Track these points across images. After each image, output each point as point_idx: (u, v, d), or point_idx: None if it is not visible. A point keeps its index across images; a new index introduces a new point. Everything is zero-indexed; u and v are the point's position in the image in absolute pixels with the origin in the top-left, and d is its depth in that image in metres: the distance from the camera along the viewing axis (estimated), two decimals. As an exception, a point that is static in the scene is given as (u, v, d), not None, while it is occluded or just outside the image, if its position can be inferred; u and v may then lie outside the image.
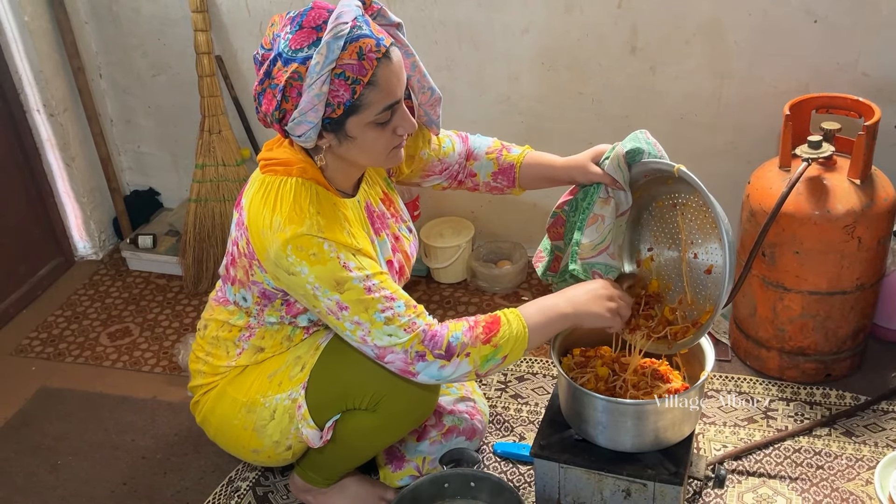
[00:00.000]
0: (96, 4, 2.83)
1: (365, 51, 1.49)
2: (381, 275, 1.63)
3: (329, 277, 1.58)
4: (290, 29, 1.51)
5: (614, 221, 1.76)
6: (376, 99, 1.54)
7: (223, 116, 2.77)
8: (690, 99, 2.45)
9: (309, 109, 1.50)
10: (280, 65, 1.50)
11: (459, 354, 1.62)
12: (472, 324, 1.65)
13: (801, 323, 2.17)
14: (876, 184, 2.07)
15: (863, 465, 2.00)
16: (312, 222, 1.58)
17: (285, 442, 1.81)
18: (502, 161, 1.96)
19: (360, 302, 1.59)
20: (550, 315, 1.69)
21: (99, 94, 2.98)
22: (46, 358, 2.59)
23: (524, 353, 1.69)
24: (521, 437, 2.15)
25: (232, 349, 1.84)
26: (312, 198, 1.62)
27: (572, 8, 2.41)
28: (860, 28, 2.22)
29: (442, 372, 1.63)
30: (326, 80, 1.48)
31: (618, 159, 1.73)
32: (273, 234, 1.58)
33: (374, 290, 1.60)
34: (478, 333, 1.63)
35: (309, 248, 1.57)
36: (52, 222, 2.96)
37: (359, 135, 1.58)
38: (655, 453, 1.77)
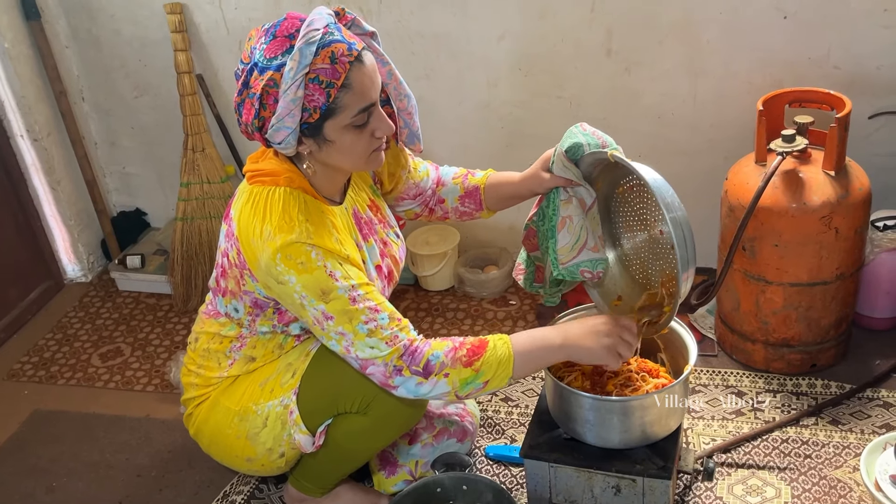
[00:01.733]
0: (77, 28, 2.85)
1: (337, 55, 1.53)
2: (367, 286, 1.65)
3: (315, 286, 1.60)
4: (265, 39, 1.56)
5: (584, 217, 1.78)
6: (351, 101, 1.57)
7: (206, 134, 2.79)
8: (667, 98, 2.48)
9: (286, 115, 1.53)
10: (256, 74, 1.54)
11: (438, 374, 1.64)
12: (456, 345, 1.66)
13: (784, 315, 2.20)
14: (850, 175, 2.10)
15: (849, 453, 2.02)
16: (302, 230, 1.61)
17: (278, 449, 1.83)
18: (467, 184, 1.99)
19: (344, 312, 1.62)
20: (540, 346, 1.69)
21: (82, 117, 3.00)
22: (39, 381, 2.60)
23: (509, 381, 1.68)
24: (511, 440, 2.17)
25: (223, 360, 1.86)
26: (301, 206, 1.64)
27: (546, 14, 2.44)
28: (829, 22, 2.26)
29: (419, 389, 1.65)
30: (301, 85, 1.51)
31: (561, 160, 1.75)
32: (263, 243, 1.61)
33: (359, 300, 1.62)
34: (460, 355, 1.65)
35: (297, 256, 1.60)
36: (41, 246, 2.97)
37: (337, 138, 1.61)
38: (643, 449, 1.80)
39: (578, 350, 1.69)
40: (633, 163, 1.65)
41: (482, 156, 2.72)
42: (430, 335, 2.56)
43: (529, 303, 2.71)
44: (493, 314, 2.68)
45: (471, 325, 2.64)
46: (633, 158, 2.48)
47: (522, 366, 1.68)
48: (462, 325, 2.64)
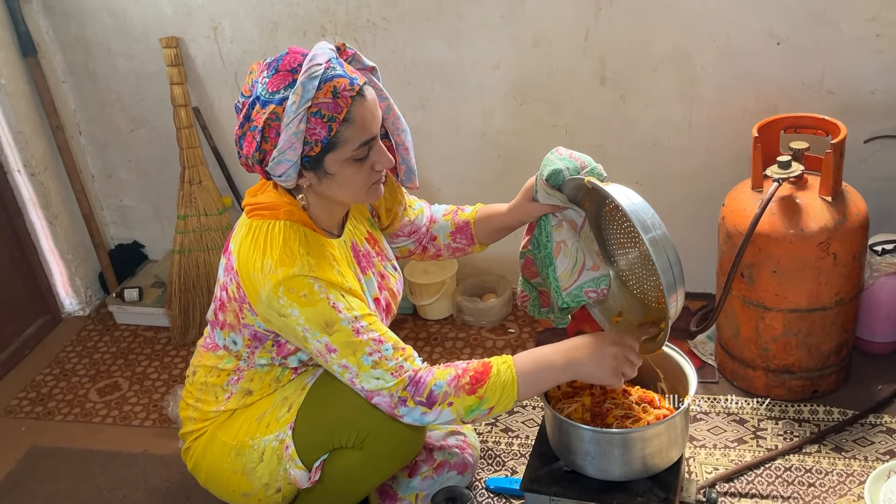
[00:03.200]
0: (73, 63, 2.87)
1: (339, 89, 1.54)
2: (369, 316, 1.65)
3: (319, 319, 1.60)
4: (267, 73, 1.57)
5: (577, 239, 1.78)
6: (352, 135, 1.58)
7: (203, 167, 2.79)
8: (661, 125, 2.48)
9: (287, 148, 1.54)
10: (258, 107, 1.56)
11: (441, 403, 1.64)
12: (459, 372, 1.66)
13: (784, 341, 2.18)
14: (847, 200, 2.10)
15: (854, 480, 2.00)
16: (303, 263, 1.61)
17: (275, 484, 1.82)
18: (458, 220, 2.00)
19: (348, 344, 1.62)
20: (544, 367, 1.69)
21: (79, 151, 3.01)
22: (36, 417, 2.58)
23: (515, 404, 1.68)
24: (512, 471, 2.15)
25: (221, 394, 1.85)
26: (301, 239, 1.65)
27: (540, 43, 2.45)
28: (823, 48, 2.27)
29: (424, 418, 1.65)
30: (303, 119, 1.53)
31: (544, 188, 1.76)
32: (265, 276, 1.61)
33: (363, 332, 1.62)
34: (463, 383, 1.64)
35: (300, 289, 1.60)
36: (38, 280, 2.97)
37: (337, 171, 1.61)
38: (645, 480, 1.78)
39: (582, 371, 1.69)
40: (608, 187, 1.64)
41: (478, 184, 2.72)
42: (430, 364, 2.56)
43: (529, 331, 2.70)
44: (493, 343, 2.67)
45: (470, 354, 2.63)
46: (629, 185, 2.49)
47: (527, 388, 1.67)
48: (461, 354, 2.63)
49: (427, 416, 1.65)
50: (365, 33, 2.55)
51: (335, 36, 2.57)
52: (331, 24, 2.56)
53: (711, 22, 2.30)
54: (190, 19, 2.67)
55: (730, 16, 2.28)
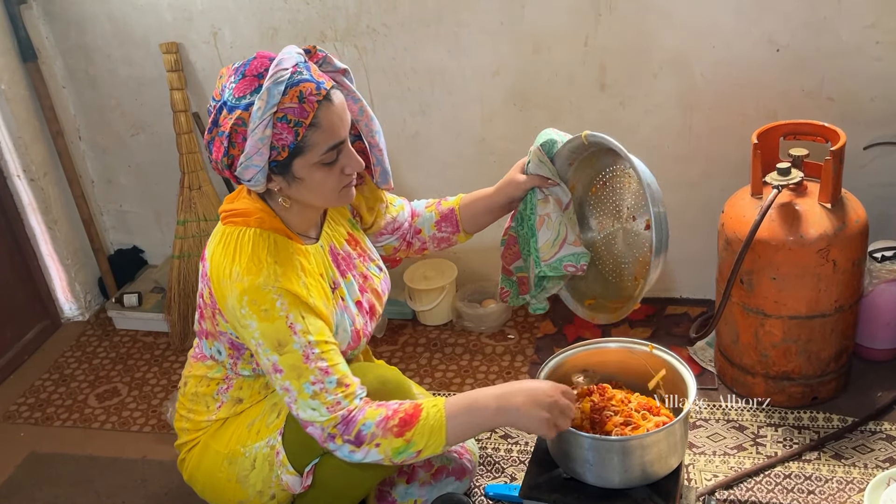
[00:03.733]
0: (73, 68, 2.87)
1: (305, 94, 1.55)
2: (325, 343, 1.64)
3: (273, 336, 1.60)
4: (234, 78, 1.58)
5: (562, 215, 1.79)
6: (320, 140, 1.58)
7: (202, 172, 2.79)
8: (661, 131, 2.48)
9: (254, 153, 1.54)
10: (225, 112, 1.56)
11: (369, 443, 1.61)
12: (389, 413, 1.62)
13: (783, 348, 2.18)
14: (847, 206, 2.10)
15: (853, 488, 2.00)
16: (269, 272, 1.61)
17: (269, 491, 1.81)
18: (442, 209, 1.99)
19: (294, 368, 1.61)
20: (474, 413, 1.64)
21: (79, 156, 3.01)
22: (35, 423, 2.58)
23: (445, 448, 1.64)
24: (511, 478, 2.15)
25: (212, 403, 1.85)
26: (270, 247, 1.64)
27: (540, 49, 2.45)
28: (822, 55, 2.27)
29: (353, 456, 1.63)
30: (269, 124, 1.53)
31: (537, 156, 1.78)
32: (232, 284, 1.61)
33: (312, 359, 1.61)
34: (391, 425, 1.61)
35: (262, 302, 1.59)
36: (37, 286, 2.97)
37: (306, 176, 1.61)
38: (644, 488, 1.77)
39: (514, 419, 1.64)
40: (610, 139, 1.69)
41: (477, 189, 2.72)
42: (428, 371, 2.57)
43: (528, 336, 2.69)
44: (492, 348, 2.66)
45: (469, 360, 2.62)
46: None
47: (456, 432, 1.63)
48: (461, 360, 2.63)
49: (355, 454, 1.63)
50: (365, 39, 2.55)
51: (335, 42, 2.58)
52: (331, 30, 2.57)
53: (711, 28, 2.31)
54: (190, 25, 2.67)
55: (729, 22, 2.29)
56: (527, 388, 1.66)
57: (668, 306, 2.72)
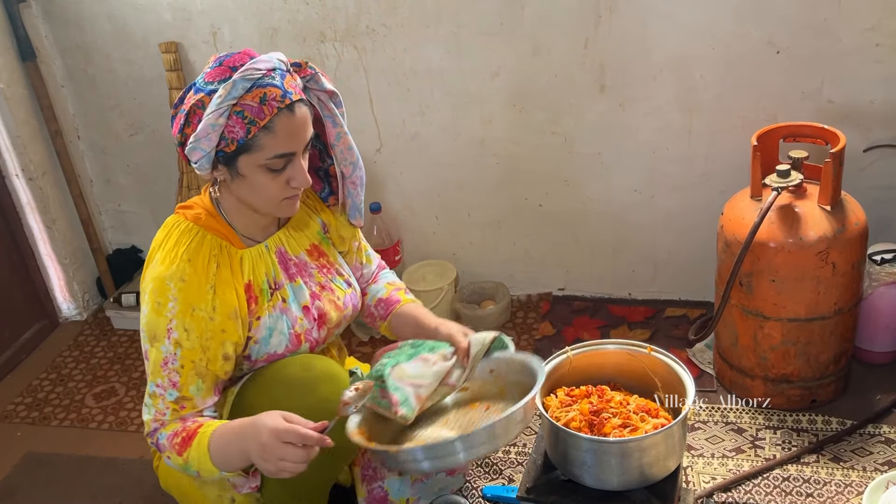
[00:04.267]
0: (72, 68, 2.86)
1: (268, 97, 1.57)
2: (189, 362, 1.66)
3: (152, 329, 1.65)
4: (212, 65, 1.62)
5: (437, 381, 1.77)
6: (269, 144, 1.60)
7: (201, 172, 2.79)
8: (661, 133, 2.48)
9: (203, 136, 1.58)
10: (192, 93, 1.61)
11: (163, 453, 1.68)
12: (179, 429, 1.66)
13: (782, 350, 2.18)
14: (846, 209, 2.10)
15: (852, 491, 1.99)
16: (178, 267, 1.64)
17: (227, 494, 1.80)
18: (391, 295, 2.01)
19: (154, 364, 1.67)
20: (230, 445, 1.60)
21: (78, 156, 3.00)
22: (32, 422, 2.57)
23: (219, 475, 1.64)
24: (509, 480, 2.14)
25: None
26: (192, 245, 1.67)
27: (540, 50, 2.45)
28: (822, 57, 2.27)
29: (167, 460, 1.70)
30: (224, 114, 1.56)
31: (484, 342, 1.83)
32: (150, 268, 1.67)
33: (168, 367, 1.66)
34: (175, 442, 1.65)
35: (160, 295, 1.64)
36: (35, 285, 2.96)
37: (249, 174, 1.63)
38: (642, 490, 1.77)
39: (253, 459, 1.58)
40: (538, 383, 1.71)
41: (476, 191, 2.72)
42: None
43: (527, 338, 2.69)
44: (491, 350, 2.66)
45: (468, 362, 2.62)
46: (627, 193, 2.50)
47: (222, 462, 1.61)
48: (459, 362, 2.62)
49: (163, 459, 1.70)
50: (364, 40, 2.55)
51: (335, 42, 2.57)
52: (330, 30, 2.56)
53: (711, 31, 2.30)
54: (189, 25, 2.67)
55: (729, 24, 2.29)
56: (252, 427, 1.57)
57: (667, 308, 2.71)
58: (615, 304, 2.78)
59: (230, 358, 1.72)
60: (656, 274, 2.73)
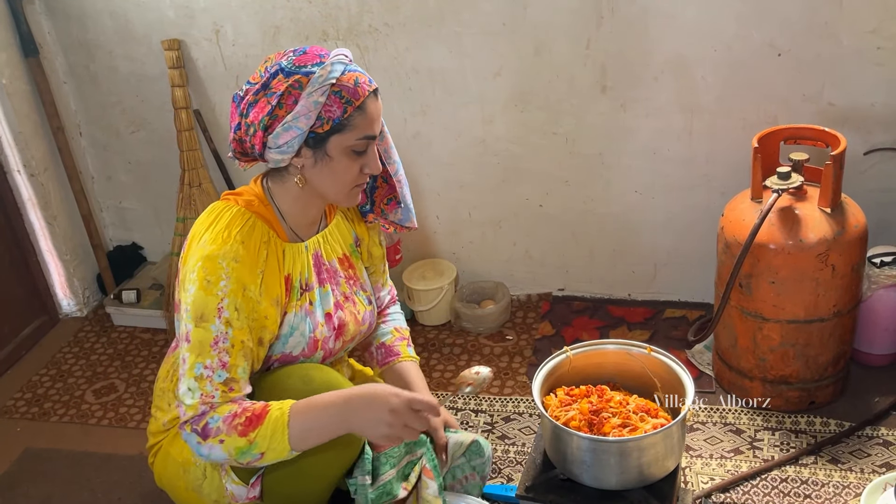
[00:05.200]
0: (74, 64, 2.87)
1: (359, 81, 1.63)
2: (239, 343, 1.62)
3: (200, 308, 1.61)
4: (294, 55, 1.64)
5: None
6: (361, 124, 1.64)
7: (203, 169, 2.79)
8: (662, 134, 2.49)
9: (303, 114, 1.59)
10: (281, 76, 1.61)
11: (213, 438, 1.58)
12: (238, 410, 1.60)
13: (781, 352, 2.18)
14: (846, 211, 2.10)
15: (850, 493, 2.00)
16: (231, 247, 1.63)
17: (224, 501, 1.78)
18: (394, 345, 2.02)
19: (200, 344, 1.60)
20: (319, 417, 1.60)
21: (79, 152, 3.01)
22: (31, 418, 2.57)
23: (290, 454, 1.60)
24: (508, 479, 2.15)
25: (172, 400, 1.83)
26: (244, 228, 1.67)
27: (542, 51, 2.45)
28: (823, 60, 2.27)
29: (199, 448, 1.60)
30: (325, 93, 1.60)
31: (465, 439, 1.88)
32: (197, 247, 1.64)
33: (220, 348, 1.60)
34: (237, 423, 1.58)
35: (210, 273, 1.60)
36: (36, 281, 2.96)
37: (336, 156, 1.65)
38: (641, 490, 1.78)
39: (358, 426, 1.61)
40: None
41: (477, 191, 2.73)
42: (426, 371, 2.57)
43: (526, 338, 2.70)
44: (490, 349, 2.66)
45: (467, 361, 2.62)
46: (628, 194, 2.51)
47: (300, 437, 1.59)
48: (459, 361, 2.63)
49: (201, 447, 1.60)
50: (367, 39, 2.56)
51: (337, 41, 2.58)
52: (333, 29, 2.57)
53: (713, 32, 2.31)
54: (192, 22, 2.67)
55: (731, 26, 2.29)
56: (373, 397, 1.60)
57: (667, 309, 2.72)
58: (615, 304, 2.78)
59: (264, 345, 1.70)
60: (656, 275, 2.73)
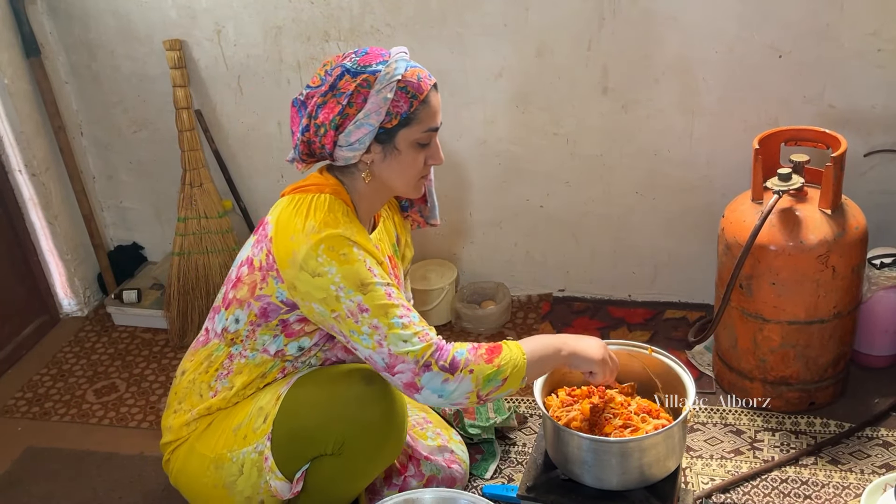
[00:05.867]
0: (76, 64, 2.87)
1: (422, 76, 1.72)
2: (397, 288, 1.72)
3: (355, 278, 1.65)
4: (356, 56, 1.71)
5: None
6: (426, 117, 1.72)
7: (204, 169, 2.80)
8: (663, 135, 2.49)
9: (374, 111, 1.66)
10: (348, 77, 1.68)
11: (463, 370, 1.66)
12: (475, 345, 1.71)
13: (781, 353, 2.19)
14: (847, 213, 2.11)
15: (850, 493, 2.00)
16: (346, 228, 1.69)
17: (257, 497, 1.80)
18: None
19: (381, 306, 1.66)
20: (548, 348, 1.76)
21: (80, 152, 3.01)
22: (32, 417, 2.58)
23: (522, 382, 1.72)
24: (509, 479, 2.15)
25: (206, 392, 1.85)
26: (345, 210, 1.74)
27: (544, 52, 2.46)
28: (824, 62, 2.28)
29: (445, 386, 1.66)
30: (393, 89, 1.67)
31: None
32: (306, 236, 1.67)
33: (394, 297, 1.68)
34: (481, 353, 1.69)
35: (340, 248, 1.66)
36: (37, 281, 2.97)
37: (404, 150, 1.73)
38: (642, 490, 1.78)
39: (582, 357, 1.77)
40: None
41: (479, 191, 2.73)
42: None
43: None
44: (491, 350, 2.67)
45: (468, 362, 2.63)
46: (628, 195, 2.52)
47: (534, 368, 1.73)
48: (459, 362, 2.63)
49: (448, 383, 1.65)
50: (369, 39, 2.56)
51: (339, 42, 2.58)
52: (334, 29, 2.57)
53: (714, 34, 2.32)
54: (194, 22, 2.67)
55: (732, 28, 2.30)
56: (583, 337, 1.82)
57: (667, 310, 2.72)
58: (615, 305, 2.79)
59: None
60: (656, 276, 2.74)
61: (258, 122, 2.80)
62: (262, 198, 2.94)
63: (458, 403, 1.70)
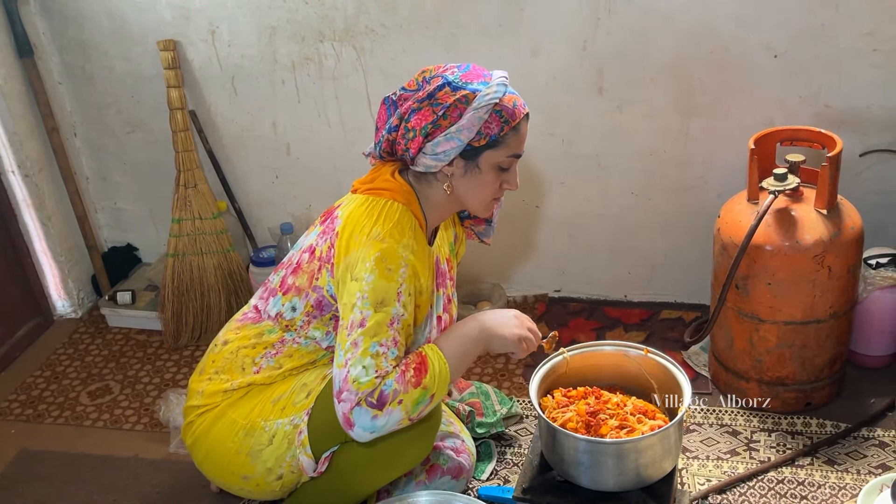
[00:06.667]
0: (70, 65, 2.86)
1: (517, 104, 1.77)
2: (407, 325, 1.74)
3: (381, 294, 1.69)
4: (460, 70, 1.76)
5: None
6: (512, 143, 1.77)
7: (198, 170, 2.79)
8: (659, 136, 2.49)
9: (466, 128, 1.70)
10: (448, 90, 1.72)
11: (391, 403, 1.66)
12: (403, 369, 1.70)
13: (778, 353, 2.19)
14: (842, 213, 2.11)
15: (846, 494, 2.00)
16: (408, 243, 1.73)
17: (278, 470, 1.84)
18: None
19: (378, 326, 1.68)
20: (466, 344, 1.80)
21: (74, 153, 3.00)
22: (26, 420, 2.56)
23: (448, 388, 1.77)
24: (505, 480, 2.14)
25: (249, 367, 1.89)
26: (413, 225, 1.78)
27: (539, 52, 2.45)
28: (820, 62, 2.28)
29: (375, 422, 1.67)
30: (489, 110, 1.71)
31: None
32: (369, 241, 1.71)
33: (394, 327, 1.70)
34: (409, 378, 1.69)
35: (391, 262, 1.70)
36: (30, 282, 2.95)
37: (485, 170, 1.77)
38: (638, 492, 1.78)
39: (494, 339, 1.82)
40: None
41: (475, 192, 2.72)
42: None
43: (522, 340, 2.69)
44: (486, 351, 2.66)
45: (463, 363, 2.62)
46: (624, 195, 2.51)
47: (456, 370, 1.77)
48: (455, 363, 2.62)
49: (378, 419, 1.66)
50: (363, 40, 2.55)
51: (333, 42, 2.58)
52: (329, 30, 2.56)
53: (710, 34, 2.31)
54: (188, 23, 2.66)
55: (728, 28, 2.29)
56: (499, 314, 1.86)
57: (663, 311, 2.72)
58: (611, 306, 2.78)
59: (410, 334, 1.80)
60: (652, 276, 2.73)
61: (252, 123, 2.79)
62: (256, 198, 2.93)
63: (391, 431, 1.71)
